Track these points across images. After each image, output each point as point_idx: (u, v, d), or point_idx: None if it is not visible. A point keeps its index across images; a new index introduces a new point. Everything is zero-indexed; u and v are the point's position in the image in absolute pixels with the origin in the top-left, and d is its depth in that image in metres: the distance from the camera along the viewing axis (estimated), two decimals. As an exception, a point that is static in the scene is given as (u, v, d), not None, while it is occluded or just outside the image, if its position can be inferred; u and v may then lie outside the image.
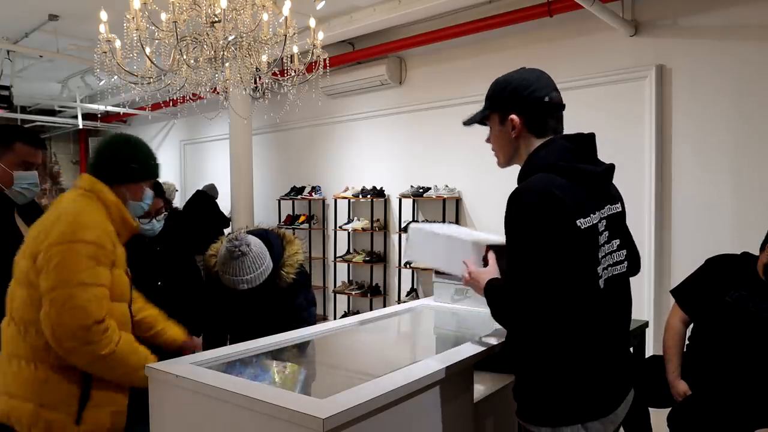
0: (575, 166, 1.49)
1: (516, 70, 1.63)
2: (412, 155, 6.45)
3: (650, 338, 4.26)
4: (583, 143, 1.57)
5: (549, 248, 1.39)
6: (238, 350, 1.87)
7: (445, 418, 1.66)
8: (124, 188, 1.91)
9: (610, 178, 1.59)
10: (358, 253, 6.81)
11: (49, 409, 1.71)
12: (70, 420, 1.73)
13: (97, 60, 3.54)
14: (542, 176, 1.47)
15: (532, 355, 1.52)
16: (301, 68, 3.78)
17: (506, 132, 1.59)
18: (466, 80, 5.83)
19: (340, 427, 1.27)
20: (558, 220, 1.40)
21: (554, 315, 1.41)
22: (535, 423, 1.51)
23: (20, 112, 9.77)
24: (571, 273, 1.42)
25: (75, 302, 1.64)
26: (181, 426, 1.59)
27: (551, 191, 1.41)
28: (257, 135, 7.53)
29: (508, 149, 1.61)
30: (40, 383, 1.72)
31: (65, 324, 1.64)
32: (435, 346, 2.29)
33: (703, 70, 4.45)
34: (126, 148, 1.95)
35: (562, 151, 1.52)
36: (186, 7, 3.31)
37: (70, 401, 1.73)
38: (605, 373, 1.53)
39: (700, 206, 4.49)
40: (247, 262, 2.31)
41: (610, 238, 1.54)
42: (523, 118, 1.55)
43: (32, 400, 1.71)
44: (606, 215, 1.54)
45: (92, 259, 1.69)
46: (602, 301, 1.51)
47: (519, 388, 1.57)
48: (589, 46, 5.01)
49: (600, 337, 1.52)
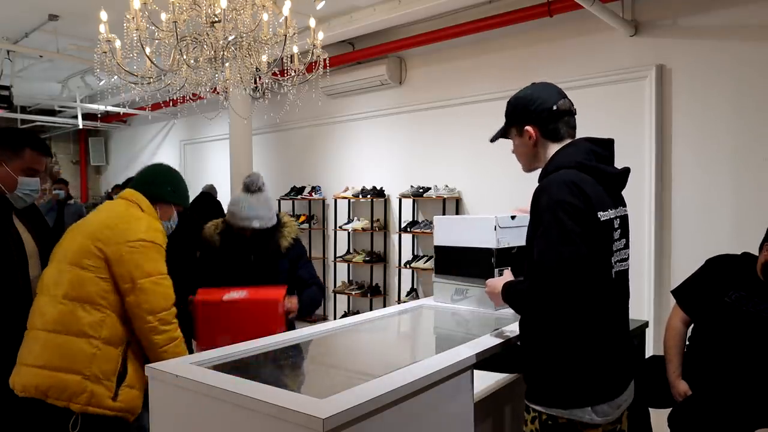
0: (597, 165, 1.65)
1: (527, 86, 1.81)
2: (412, 155, 6.45)
3: (650, 338, 4.26)
4: (604, 146, 1.73)
5: (576, 231, 1.51)
6: (238, 350, 1.87)
7: (445, 418, 1.66)
8: (158, 206, 2.22)
9: (625, 179, 1.74)
10: (358, 253, 6.82)
11: (94, 382, 1.92)
12: (109, 394, 1.94)
13: (97, 60, 3.54)
14: (567, 171, 1.61)
15: (546, 341, 1.61)
16: (301, 68, 3.78)
17: (525, 142, 1.76)
18: (466, 80, 5.84)
19: (340, 427, 1.27)
20: (584, 207, 1.54)
21: (580, 295, 1.51)
22: (547, 405, 1.60)
23: (20, 112, 9.78)
24: (592, 259, 1.54)
25: (162, 289, 2.03)
26: (181, 426, 1.59)
27: (576, 183, 1.57)
28: (257, 135, 7.53)
29: (528, 156, 1.78)
30: (90, 357, 1.93)
31: (156, 306, 2.00)
32: (435, 346, 2.29)
33: (703, 70, 4.45)
34: (166, 175, 2.34)
35: (586, 151, 1.68)
36: (186, 7, 3.31)
37: (111, 377, 1.95)
38: (613, 358, 1.63)
39: (700, 206, 4.49)
40: (261, 198, 2.56)
41: (620, 236, 1.69)
42: (536, 127, 1.72)
43: (81, 372, 1.91)
44: (619, 215, 1.69)
45: (162, 256, 2.07)
46: (613, 291, 1.65)
47: (530, 374, 1.66)
48: (589, 46, 5.01)
49: (609, 325, 1.63)
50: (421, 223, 6.19)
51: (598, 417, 1.57)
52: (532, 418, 1.64)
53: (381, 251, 6.73)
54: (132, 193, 2.20)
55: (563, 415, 1.57)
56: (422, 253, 6.30)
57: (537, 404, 1.62)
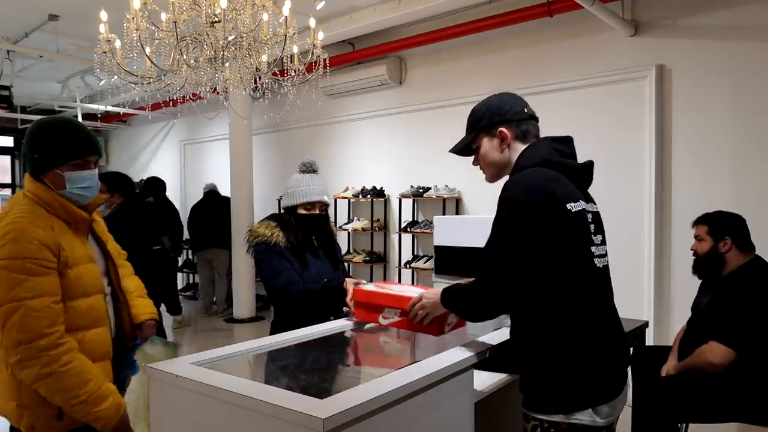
0: (561, 160, 1.67)
1: (487, 96, 1.83)
2: (412, 155, 6.45)
3: (650, 338, 4.26)
4: (565, 144, 1.74)
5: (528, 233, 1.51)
6: (238, 350, 1.87)
7: (445, 418, 1.66)
8: (46, 179, 1.80)
9: (590, 173, 1.74)
10: (358, 253, 6.82)
11: (29, 408, 1.75)
12: (52, 414, 1.75)
13: (97, 60, 3.54)
14: (532, 170, 1.62)
15: (540, 346, 1.57)
16: (301, 68, 3.78)
17: (496, 146, 1.74)
18: (466, 80, 5.84)
19: (340, 427, 1.27)
20: (545, 206, 1.52)
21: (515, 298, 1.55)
22: (547, 412, 1.55)
23: (20, 112, 9.77)
24: (564, 254, 1.53)
25: (13, 319, 1.64)
26: (181, 426, 1.59)
27: (540, 182, 1.57)
28: (257, 135, 7.54)
29: (498, 161, 1.75)
30: (17, 385, 1.74)
31: (11, 340, 1.66)
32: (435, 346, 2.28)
33: (702, 70, 4.45)
34: (30, 138, 1.83)
35: (549, 148, 1.69)
36: (186, 7, 3.32)
37: (45, 401, 1.73)
38: (610, 356, 1.59)
39: (700, 206, 4.47)
40: (317, 179, 2.58)
41: (596, 232, 1.66)
42: (510, 128, 1.72)
43: (13, 399, 1.76)
44: (591, 210, 1.68)
45: (26, 273, 1.66)
46: (600, 283, 1.62)
47: (527, 380, 1.61)
48: (589, 46, 5.01)
49: (601, 320, 1.60)
50: (421, 223, 6.19)
51: (600, 418, 1.53)
52: (532, 427, 1.59)
53: (381, 251, 6.73)
54: (26, 181, 1.83)
55: (565, 420, 1.52)
56: (422, 253, 6.30)
57: (537, 412, 1.57)
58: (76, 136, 1.83)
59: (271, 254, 2.45)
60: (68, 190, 1.81)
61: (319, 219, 2.56)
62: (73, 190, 1.82)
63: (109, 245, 2.06)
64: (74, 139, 1.82)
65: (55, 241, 1.73)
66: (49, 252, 1.70)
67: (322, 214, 2.58)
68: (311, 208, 2.54)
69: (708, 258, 2.83)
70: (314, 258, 2.55)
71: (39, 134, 1.82)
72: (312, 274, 2.48)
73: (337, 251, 2.70)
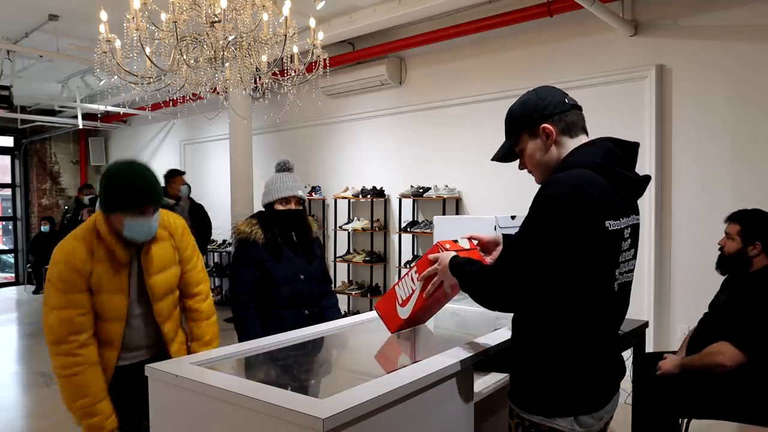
0: (615, 169, 1.52)
1: (525, 93, 1.67)
2: (412, 155, 6.44)
3: (650, 338, 4.26)
4: (626, 149, 1.61)
5: (559, 238, 1.40)
6: (238, 350, 1.87)
7: (445, 418, 1.66)
8: (110, 217, 2.04)
9: (644, 187, 1.63)
10: (358, 253, 6.81)
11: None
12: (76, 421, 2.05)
13: (97, 60, 3.53)
14: (582, 171, 1.47)
15: (534, 347, 1.54)
16: (301, 68, 3.78)
17: (541, 145, 1.60)
18: (466, 80, 5.83)
19: (340, 427, 1.27)
20: (584, 217, 1.41)
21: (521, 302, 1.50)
22: (528, 411, 1.54)
23: (20, 112, 9.78)
24: (584, 273, 1.45)
25: (47, 320, 2.01)
26: (181, 426, 1.59)
27: (585, 189, 1.43)
28: (257, 135, 7.53)
29: (547, 161, 1.60)
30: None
31: (46, 336, 2.01)
32: (435, 346, 2.29)
33: (703, 70, 4.45)
34: (101, 181, 2.06)
35: (606, 152, 1.55)
36: (186, 7, 3.31)
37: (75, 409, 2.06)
38: (600, 370, 1.56)
39: (700, 207, 4.49)
40: (291, 176, 2.77)
41: (630, 247, 1.58)
42: (553, 123, 1.58)
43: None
44: (631, 224, 1.59)
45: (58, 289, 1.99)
46: (613, 303, 1.55)
47: (518, 374, 1.59)
48: (589, 46, 5.00)
49: (600, 337, 1.55)
50: (421, 223, 6.19)
51: (580, 427, 1.50)
52: (516, 424, 1.58)
53: (381, 251, 6.73)
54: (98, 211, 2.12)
55: (545, 422, 1.51)
56: (422, 253, 6.30)
57: (520, 408, 1.55)
58: (135, 187, 2.02)
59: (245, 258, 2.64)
60: (125, 233, 2.04)
61: (295, 213, 2.72)
62: (129, 233, 2.04)
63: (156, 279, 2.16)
64: (134, 190, 2.01)
65: (88, 268, 2.02)
66: (78, 277, 2.00)
67: (298, 209, 2.74)
68: (287, 204, 2.72)
69: (734, 258, 2.76)
70: (292, 253, 2.71)
71: (107, 180, 2.03)
72: (288, 270, 2.66)
73: (315, 246, 2.82)
